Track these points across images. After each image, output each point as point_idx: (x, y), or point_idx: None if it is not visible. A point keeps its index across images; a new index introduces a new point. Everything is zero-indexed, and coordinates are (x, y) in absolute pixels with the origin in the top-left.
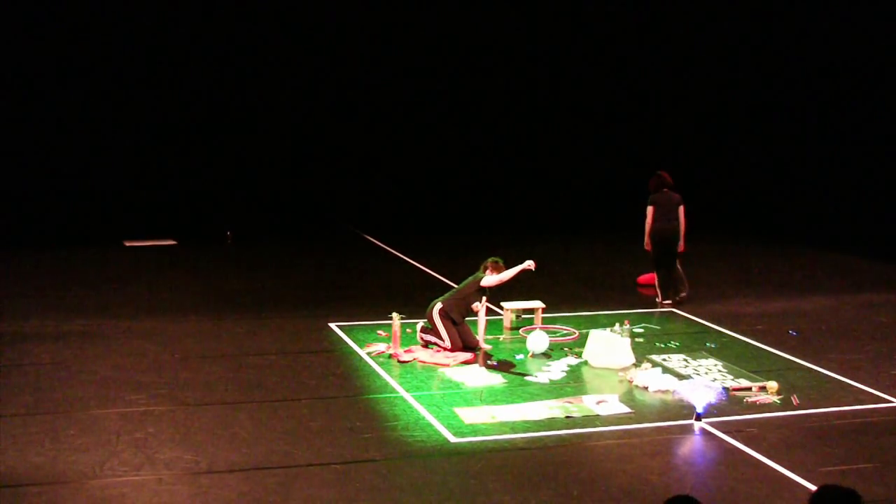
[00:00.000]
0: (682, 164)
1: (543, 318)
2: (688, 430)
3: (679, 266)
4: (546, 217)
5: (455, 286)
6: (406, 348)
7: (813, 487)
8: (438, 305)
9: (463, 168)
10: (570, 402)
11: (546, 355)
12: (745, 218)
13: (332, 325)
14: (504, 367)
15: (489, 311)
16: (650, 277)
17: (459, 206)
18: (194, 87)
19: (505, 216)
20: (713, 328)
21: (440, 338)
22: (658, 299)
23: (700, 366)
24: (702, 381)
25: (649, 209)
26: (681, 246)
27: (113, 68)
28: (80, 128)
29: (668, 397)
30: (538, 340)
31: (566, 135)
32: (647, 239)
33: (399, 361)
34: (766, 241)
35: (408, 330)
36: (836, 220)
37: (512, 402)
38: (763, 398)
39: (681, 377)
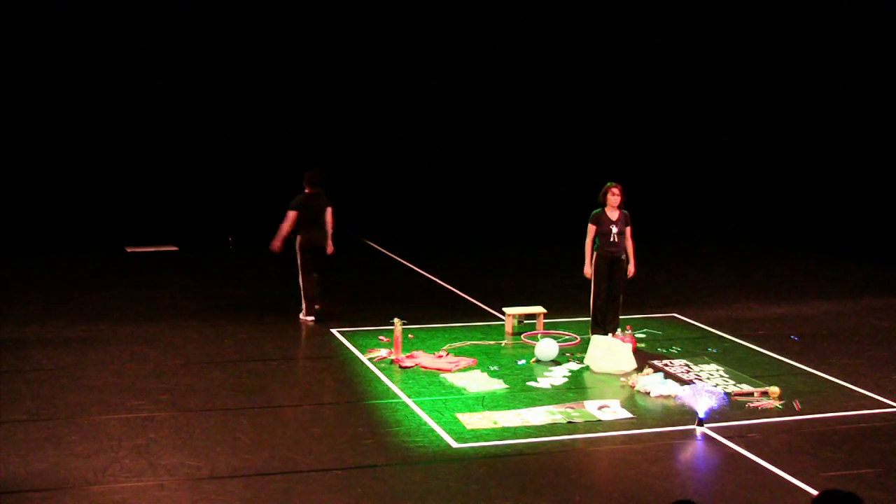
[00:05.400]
0: (683, 168)
1: (545, 323)
2: (689, 435)
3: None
4: (548, 221)
5: (455, 290)
6: (408, 354)
7: (814, 492)
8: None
9: (465, 173)
10: (571, 408)
11: (555, 362)
12: (746, 222)
13: (334, 331)
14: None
15: (490, 316)
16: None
17: (462, 211)
18: (196, 92)
19: (507, 220)
20: (715, 333)
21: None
22: (302, 314)
23: (702, 371)
24: (703, 387)
25: (291, 214)
26: (329, 248)
27: (115, 73)
28: (81, 132)
29: (670, 402)
30: (547, 348)
31: (567, 138)
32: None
33: (401, 367)
34: (768, 246)
35: (410, 335)
36: (838, 225)
37: (514, 408)
38: (765, 403)
39: (682, 382)
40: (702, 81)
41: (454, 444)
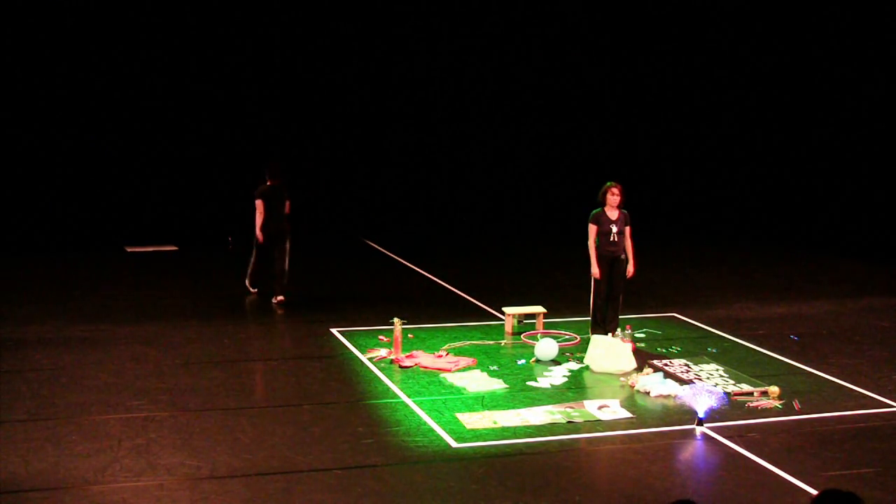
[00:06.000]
0: (683, 169)
1: (545, 322)
2: (689, 434)
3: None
4: (547, 221)
5: (455, 290)
6: (407, 353)
7: (814, 492)
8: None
9: (465, 173)
10: (571, 408)
11: (555, 362)
12: (746, 222)
13: (334, 331)
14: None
15: (490, 316)
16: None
17: (462, 211)
18: (196, 92)
19: (506, 220)
20: (714, 333)
21: None
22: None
23: (701, 370)
24: (703, 386)
25: (259, 203)
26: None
27: (114, 73)
28: (80, 133)
29: (670, 402)
30: (547, 348)
31: (567, 139)
32: (258, 232)
33: (400, 367)
34: (767, 246)
35: (409, 335)
36: (838, 225)
37: (513, 408)
38: (764, 403)
39: (682, 382)
40: (702, 80)
41: (454, 444)
